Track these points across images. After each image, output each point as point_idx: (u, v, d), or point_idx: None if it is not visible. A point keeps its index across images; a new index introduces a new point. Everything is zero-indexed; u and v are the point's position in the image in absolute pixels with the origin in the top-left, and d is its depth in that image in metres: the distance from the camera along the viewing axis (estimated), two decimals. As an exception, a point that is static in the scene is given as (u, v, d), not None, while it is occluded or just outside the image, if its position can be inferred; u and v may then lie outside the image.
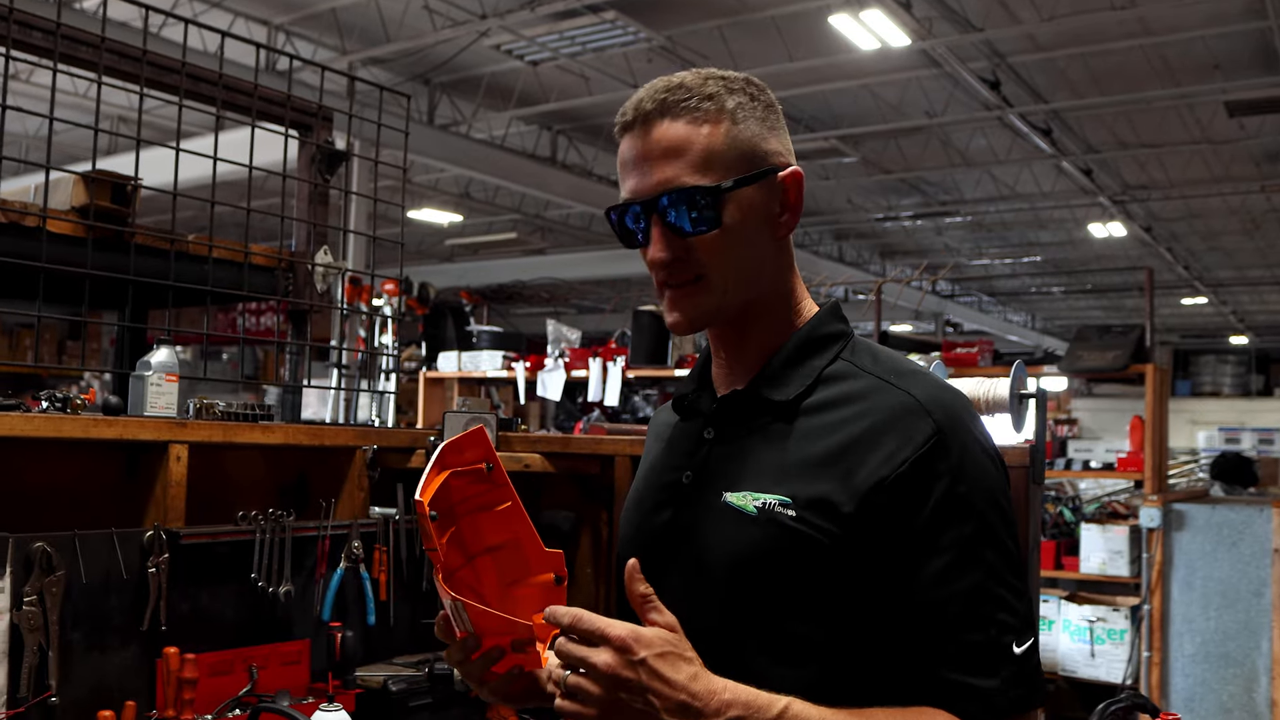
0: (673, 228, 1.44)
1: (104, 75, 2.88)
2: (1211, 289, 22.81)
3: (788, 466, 1.41)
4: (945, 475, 1.35)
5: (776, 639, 1.38)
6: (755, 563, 1.39)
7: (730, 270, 1.46)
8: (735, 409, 1.52)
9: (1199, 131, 12.88)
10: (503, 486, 1.68)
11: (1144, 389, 6.49)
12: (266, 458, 3.08)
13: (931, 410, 1.38)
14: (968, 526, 1.35)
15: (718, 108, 1.45)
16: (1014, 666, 1.33)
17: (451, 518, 1.64)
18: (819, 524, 1.36)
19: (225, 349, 15.61)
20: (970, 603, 1.33)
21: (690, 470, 1.52)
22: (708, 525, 1.45)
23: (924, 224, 18.51)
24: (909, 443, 1.36)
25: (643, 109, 1.46)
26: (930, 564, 1.34)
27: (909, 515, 1.34)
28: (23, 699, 2.26)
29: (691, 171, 1.43)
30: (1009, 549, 1.38)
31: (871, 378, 1.45)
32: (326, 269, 3.37)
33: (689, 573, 1.46)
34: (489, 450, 1.67)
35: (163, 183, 3.05)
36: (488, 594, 1.63)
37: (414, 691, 2.85)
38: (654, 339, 7.04)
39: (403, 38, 10.77)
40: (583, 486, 3.26)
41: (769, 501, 1.39)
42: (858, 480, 1.36)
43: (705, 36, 10.32)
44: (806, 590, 1.37)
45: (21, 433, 2.36)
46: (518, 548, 1.67)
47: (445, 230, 18.57)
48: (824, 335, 1.52)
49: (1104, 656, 6.25)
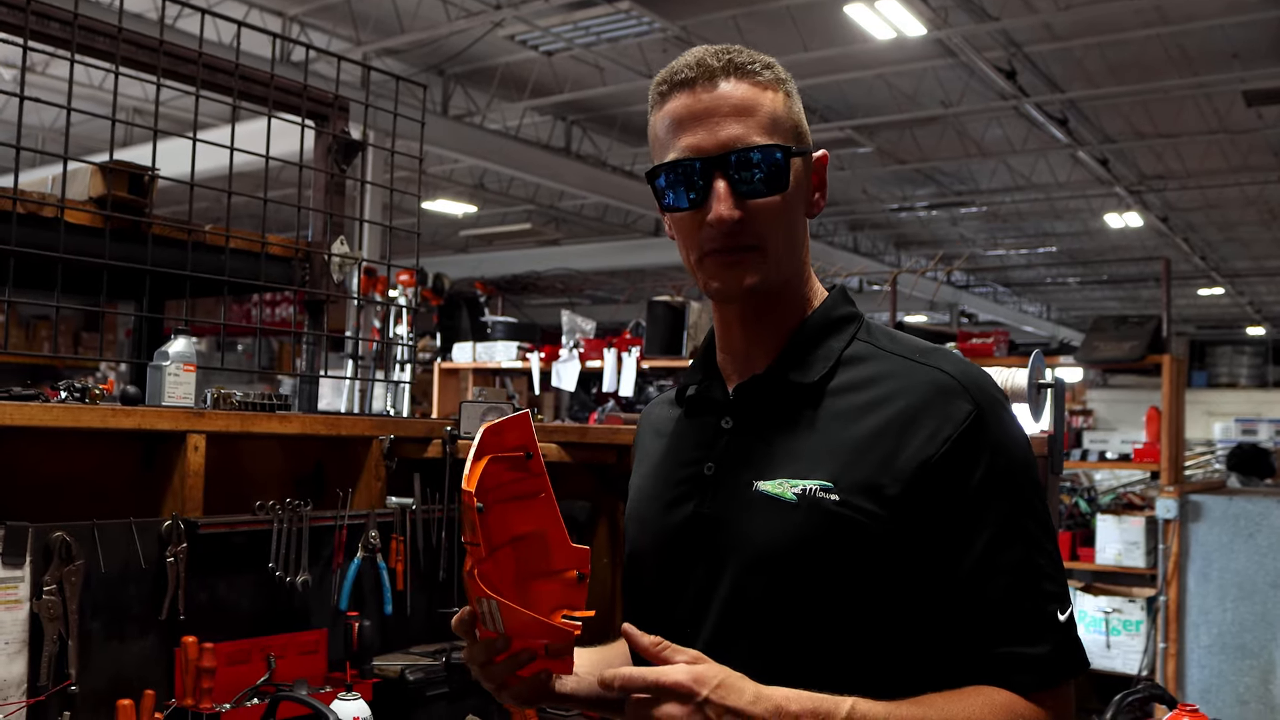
0: (741, 186, 1.39)
1: (121, 66, 2.88)
2: (1228, 279, 22.71)
3: (825, 450, 1.39)
4: (986, 451, 1.35)
5: (823, 626, 1.36)
6: (799, 551, 1.36)
7: (782, 241, 1.43)
8: (756, 395, 1.48)
9: (1216, 121, 12.81)
10: (539, 476, 1.61)
11: (1160, 380, 6.47)
12: (284, 448, 3.09)
13: (968, 387, 1.38)
14: (1009, 500, 1.35)
15: (775, 77, 1.44)
16: (1060, 634, 1.35)
17: (487, 504, 1.58)
18: (865, 507, 1.34)
19: (240, 340, 15.65)
20: (1016, 574, 1.34)
21: (711, 461, 1.48)
22: (741, 516, 1.41)
23: (939, 214, 18.45)
24: (949, 421, 1.35)
25: (708, 65, 1.41)
26: (976, 539, 1.34)
27: (954, 493, 1.34)
28: (43, 687, 2.28)
29: (761, 132, 1.40)
30: (1046, 519, 1.39)
31: (896, 358, 1.43)
32: (343, 259, 3.37)
33: (723, 566, 1.42)
34: (530, 438, 1.60)
35: (179, 173, 3.05)
36: (503, 587, 1.55)
37: (431, 681, 2.86)
38: (668, 329, 7.03)
39: (417, 28, 10.77)
40: (600, 476, 3.26)
41: (809, 487, 1.36)
42: (901, 461, 1.34)
43: (720, 26, 10.30)
44: (852, 575, 1.35)
45: (41, 422, 2.37)
46: (542, 540, 1.61)
47: (459, 221, 18.57)
48: (839, 317, 1.50)
49: (1119, 648, 6.23)
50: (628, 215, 18.31)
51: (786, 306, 1.49)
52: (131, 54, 2.94)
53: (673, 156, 1.42)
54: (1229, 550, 5.85)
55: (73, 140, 2.82)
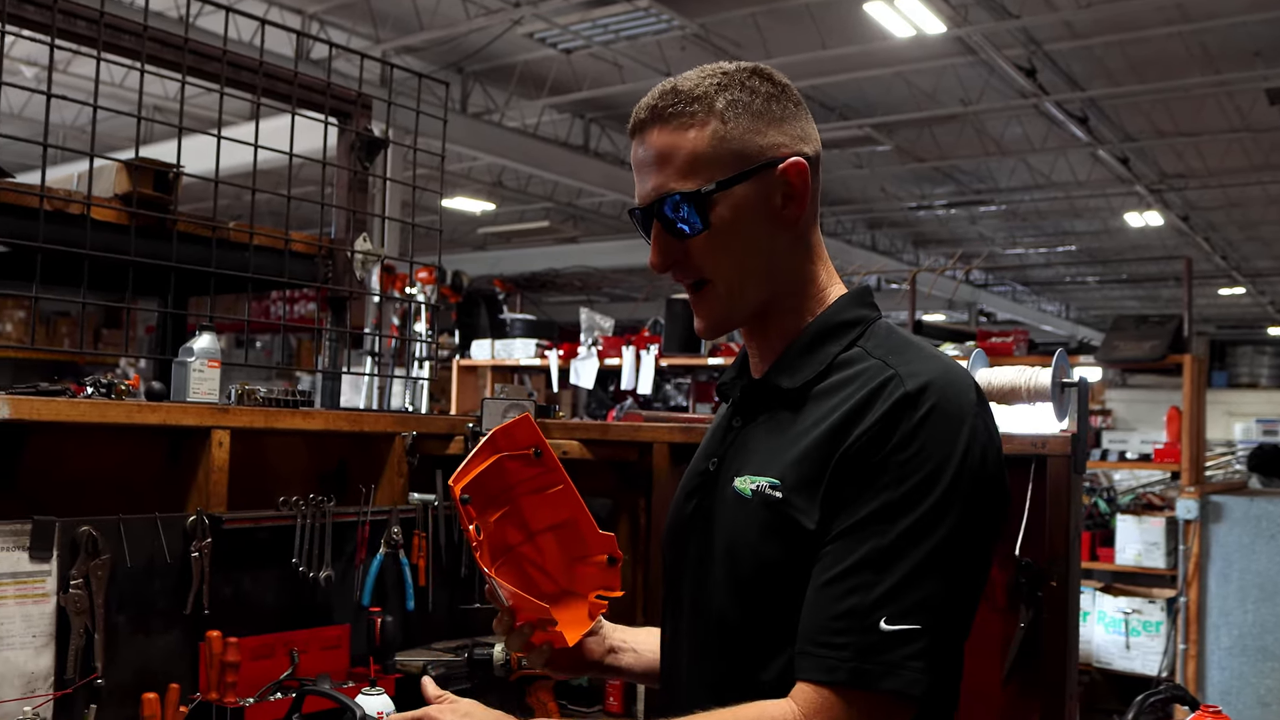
0: (667, 232, 1.48)
1: (145, 64, 2.90)
2: (1250, 279, 22.58)
3: (782, 450, 1.43)
4: (896, 438, 1.33)
5: (774, 618, 1.39)
6: (746, 545, 1.42)
7: (732, 271, 1.48)
8: (753, 397, 1.55)
9: (1238, 119, 12.74)
10: (554, 470, 1.76)
11: (1180, 380, 6.44)
12: (307, 444, 3.10)
13: (906, 380, 1.37)
14: (895, 491, 1.32)
15: (705, 109, 1.45)
16: (871, 639, 1.28)
17: (509, 497, 1.74)
18: (803, 505, 1.37)
19: (259, 337, 15.71)
20: (855, 567, 1.31)
21: (716, 458, 1.56)
22: (718, 511, 1.50)
23: (958, 213, 18.40)
24: (877, 411, 1.36)
25: (638, 118, 1.49)
26: (840, 521, 1.34)
27: (853, 475, 1.35)
28: (69, 680, 2.29)
29: (678, 177, 1.45)
30: (938, 529, 1.31)
31: (873, 360, 1.44)
32: (365, 256, 3.38)
33: (704, 560, 1.51)
34: (537, 437, 1.75)
35: (200, 171, 3.06)
36: (551, 567, 1.77)
37: (453, 677, 2.87)
38: (687, 327, 7.03)
39: (436, 26, 10.79)
40: (621, 473, 3.26)
41: (761, 484, 1.42)
42: (835, 457, 1.36)
43: (739, 24, 10.29)
44: (794, 570, 1.37)
45: (68, 418, 2.39)
46: (575, 528, 1.77)
47: (478, 219, 18.60)
48: (841, 322, 1.51)
49: (1139, 649, 6.21)
50: (645, 213, 18.26)
51: (789, 314, 1.53)
52: (156, 52, 2.96)
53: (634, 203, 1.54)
54: (1250, 551, 5.82)
55: (95, 138, 2.84)
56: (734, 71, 1.49)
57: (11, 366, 8.51)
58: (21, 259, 2.72)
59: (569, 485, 1.77)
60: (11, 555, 2.24)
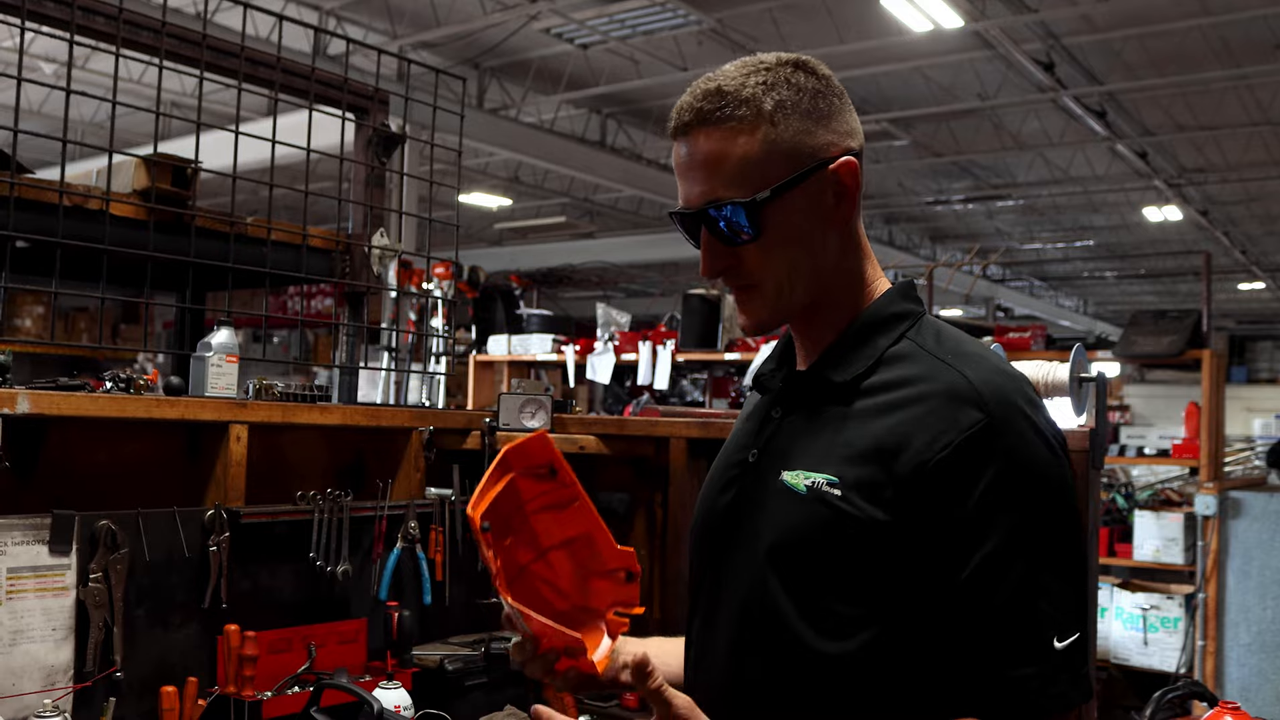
0: (718, 240, 1.46)
1: (164, 60, 2.91)
2: (1270, 274, 22.45)
3: (838, 446, 1.40)
4: (994, 461, 1.31)
5: (821, 615, 1.37)
6: (800, 541, 1.39)
7: (782, 274, 1.46)
8: (799, 389, 1.52)
9: (1259, 113, 12.67)
10: (569, 486, 1.71)
11: (1199, 375, 6.40)
12: (324, 438, 3.11)
13: (982, 392, 1.35)
14: (1016, 514, 1.31)
15: (754, 113, 1.42)
16: (1052, 661, 1.30)
17: (522, 515, 1.69)
18: (863, 505, 1.34)
19: (276, 332, 15.76)
20: (1012, 592, 1.30)
21: (756, 449, 1.52)
22: (765, 504, 1.45)
23: (975, 208, 18.34)
24: (953, 426, 1.33)
25: (682, 119, 1.45)
26: (975, 551, 1.31)
27: (954, 501, 1.31)
28: (89, 673, 2.31)
29: (728, 185, 1.42)
30: (1062, 539, 1.34)
31: (931, 358, 1.42)
32: (383, 251, 3.39)
33: (746, 551, 1.46)
34: (552, 453, 1.70)
35: (219, 166, 3.07)
36: (564, 585, 1.70)
37: (470, 671, 2.88)
38: (703, 322, 7.03)
39: (453, 22, 10.79)
40: (637, 468, 3.27)
41: (817, 480, 1.39)
42: (900, 464, 1.34)
43: (755, 19, 10.27)
44: (850, 569, 1.35)
45: (87, 412, 2.40)
46: (590, 542, 1.71)
47: (494, 214, 18.62)
48: (890, 315, 1.49)
49: (1157, 645, 6.18)
50: (662, 208, 18.26)
51: (835, 309, 1.50)
52: (175, 48, 2.97)
53: (677, 204, 1.50)
54: (1269, 547, 5.79)
55: (114, 134, 2.85)
56: (776, 66, 1.45)
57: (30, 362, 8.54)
58: (41, 254, 2.73)
59: (585, 500, 1.71)
60: (31, 549, 2.25)
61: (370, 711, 2.36)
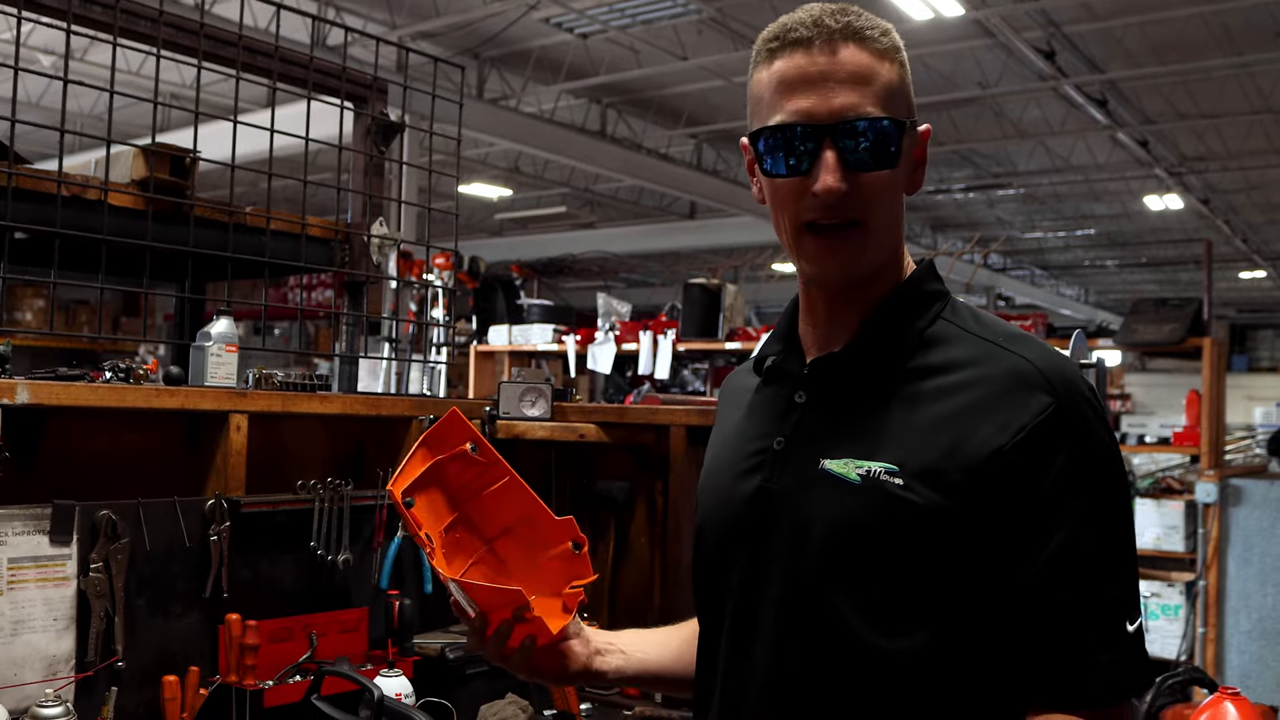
0: (850, 158, 1.33)
1: (161, 50, 2.90)
2: (1270, 262, 22.43)
3: (893, 432, 1.34)
4: (1065, 447, 1.28)
5: (880, 611, 1.31)
6: (858, 532, 1.32)
7: (891, 216, 1.38)
8: (831, 372, 1.43)
9: (1260, 101, 12.64)
10: (495, 464, 1.66)
11: (1199, 363, 6.40)
12: (325, 428, 3.11)
13: (1050, 376, 1.30)
14: (1086, 500, 1.28)
15: (892, 45, 1.37)
16: (1127, 646, 1.28)
17: (456, 504, 1.65)
18: (927, 493, 1.29)
19: (278, 324, 15.77)
20: (1086, 578, 1.27)
21: (782, 436, 1.43)
22: (805, 493, 1.37)
23: (976, 196, 18.32)
24: (1024, 411, 1.28)
25: (826, 25, 1.35)
26: (1047, 538, 1.27)
27: (1026, 488, 1.27)
28: (90, 663, 2.31)
29: (876, 103, 1.33)
30: (1126, 522, 1.32)
31: (980, 341, 1.37)
32: (382, 241, 3.39)
33: (783, 543, 1.38)
34: (469, 432, 1.65)
35: (218, 157, 3.07)
36: (515, 572, 1.65)
37: (471, 659, 2.88)
38: (704, 312, 7.03)
39: (452, 11, 10.78)
40: (637, 456, 3.27)
41: (874, 469, 1.32)
42: (970, 449, 1.28)
43: (755, 8, 10.24)
44: (912, 561, 1.30)
45: (87, 402, 2.40)
46: (532, 523, 1.67)
47: (494, 204, 18.61)
48: (923, 294, 1.43)
49: (1158, 632, 6.19)
50: (663, 198, 18.29)
51: (878, 283, 1.43)
52: (172, 37, 2.96)
53: (779, 119, 1.35)
54: (1270, 535, 5.80)
55: (112, 125, 2.85)
56: None
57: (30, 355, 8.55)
58: (40, 245, 2.73)
59: (514, 477, 1.66)
60: (32, 539, 2.25)
61: (370, 699, 2.37)
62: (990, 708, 1.31)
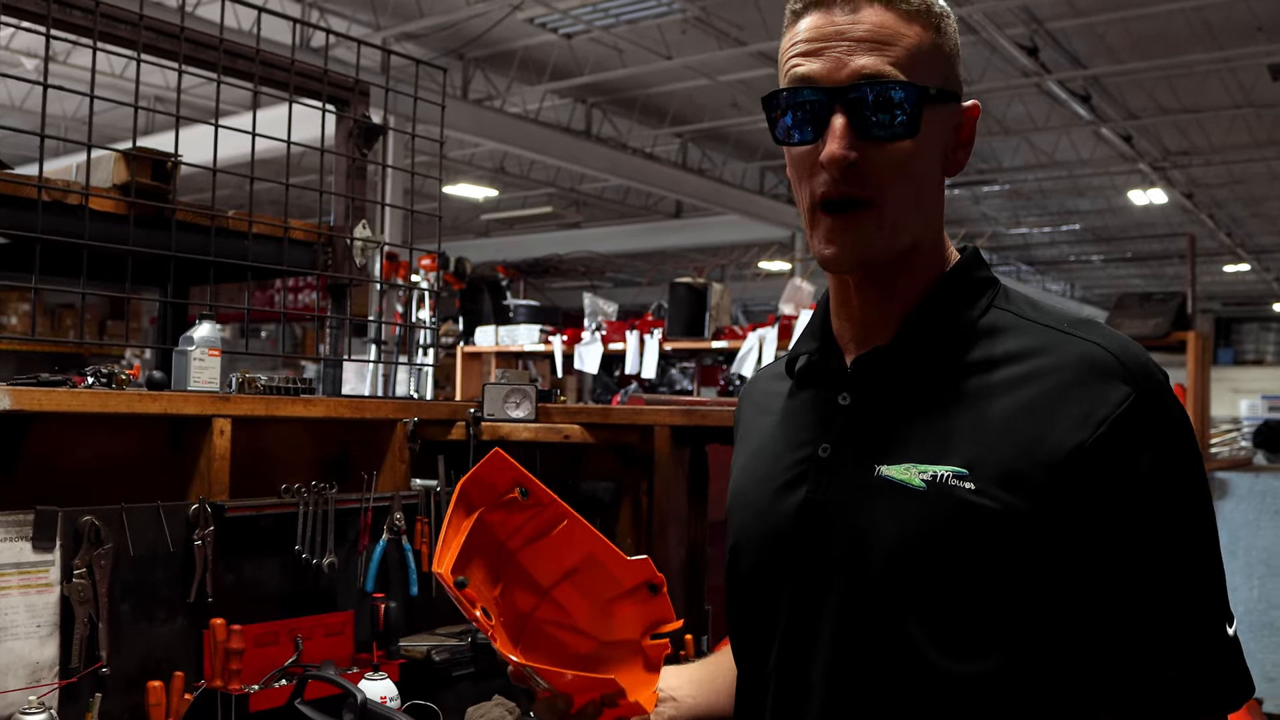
0: (862, 124, 1.22)
1: (142, 54, 2.89)
2: (1254, 255, 22.54)
3: (959, 433, 1.22)
4: (1150, 439, 1.17)
5: (951, 630, 1.19)
6: (926, 544, 1.20)
7: (903, 198, 1.25)
8: (878, 369, 1.31)
9: (1241, 95, 12.70)
10: (551, 505, 1.49)
11: (1185, 357, 6.43)
12: (309, 431, 3.11)
13: (1126, 363, 1.19)
14: (1176, 497, 1.18)
15: (927, 8, 1.25)
16: (1229, 653, 1.20)
17: (507, 556, 1.49)
18: (1004, 498, 1.17)
19: (264, 327, 15.73)
20: (1184, 583, 1.17)
21: (827, 442, 1.31)
22: (861, 504, 1.25)
23: (961, 193, 18.36)
24: (1104, 403, 1.17)
25: None
26: (1139, 541, 1.16)
27: (1112, 485, 1.16)
28: (74, 669, 2.30)
29: (896, 67, 1.22)
30: (1213, 519, 1.22)
31: (1043, 328, 1.26)
32: (365, 243, 3.39)
33: (839, 558, 1.26)
34: (518, 473, 1.47)
35: (201, 160, 3.06)
36: (581, 622, 1.49)
37: (457, 661, 2.88)
38: (690, 311, 7.04)
39: (436, 12, 10.77)
40: (622, 457, 3.27)
41: (940, 474, 1.20)
42: (1048, 447, 1.17)
43: (739, 6, 10.25)
44: (986, 574, 1.18)
45: (69, 408, 2.40)
46: (597, 564, 1.50)
47: (480, 205, 18.60)
48: (973, 281, 1.33)
49: (1145, 626, 6.21)
50: (649, 198, 18.30)
51: (915, 271, 1.31)
52: (153, 41, 2.95)
53: (790, 82, 1.26)
54: (1255, 527, 5.82)
55: (93, 129, 2.84)
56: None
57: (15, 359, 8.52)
58: (21, 250, 2.72)
59: (574, 517, 1.48)
60: (15, 545, 2.25)
61: (353, 703, 2.36)
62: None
